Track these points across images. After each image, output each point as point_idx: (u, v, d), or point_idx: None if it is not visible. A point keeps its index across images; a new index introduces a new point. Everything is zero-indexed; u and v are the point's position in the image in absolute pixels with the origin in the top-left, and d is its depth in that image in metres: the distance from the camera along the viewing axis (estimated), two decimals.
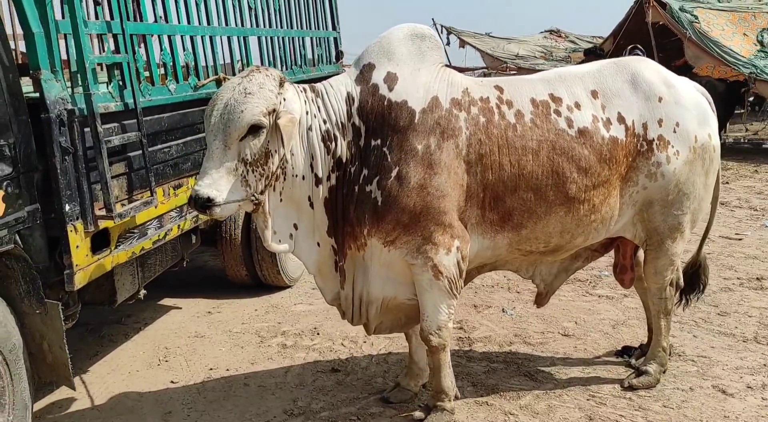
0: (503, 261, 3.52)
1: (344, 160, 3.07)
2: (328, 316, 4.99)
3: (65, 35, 3.11)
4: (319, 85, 3.15)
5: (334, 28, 6.88)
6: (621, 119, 3.24)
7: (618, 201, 3.32)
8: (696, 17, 11.74)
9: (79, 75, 3.08)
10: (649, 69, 3.37)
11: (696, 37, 11.39)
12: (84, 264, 3.18)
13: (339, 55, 6.96)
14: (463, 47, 16.24)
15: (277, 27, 5.43)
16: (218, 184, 2.81)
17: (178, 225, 3.99)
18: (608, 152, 3.20)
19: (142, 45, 3.69)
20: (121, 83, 3.42)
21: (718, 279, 5.37)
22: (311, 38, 6.27)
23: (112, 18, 3.30)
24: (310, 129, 3.02)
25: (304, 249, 3.21)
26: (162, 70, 3.96)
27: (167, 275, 4.66)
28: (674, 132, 3.28)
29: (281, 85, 2.94)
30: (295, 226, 3.14)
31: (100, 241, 3.32)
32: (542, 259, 3.51)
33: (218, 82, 4.33)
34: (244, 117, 2.78)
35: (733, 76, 11.22)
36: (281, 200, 3.05)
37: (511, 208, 3.16)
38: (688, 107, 3.33)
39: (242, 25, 4.82)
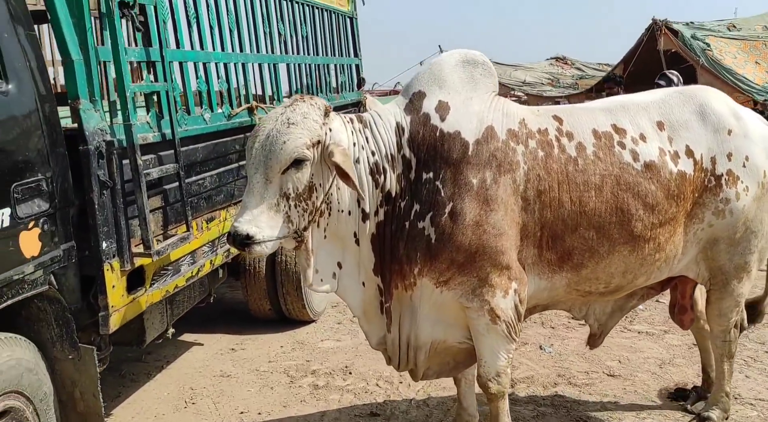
0: (556, 302, 3.33)
1: (393, 194, 2.88)
2: (358, 353, 4.78)
3: (104, 63, 2.95)
4: (366, 115, 2.98)
5: (356, 55, 6.77)
6: (689, 153, 3.07)
7: (682, 239, 3.14)
8: (708, 45, 11.72)
9: (119, 104, 2.90)
10: (717, 99, 3.21)
11: (709, 65, 11.36)
12: (120, 305, 2.98)
13: (361, 82, 6.84)
14: None
15: (304, 54, 5.30)
16: (258, 221, 2.62)
17: (210, 261, 3.79)
18: (676, 188, 3.02)
19: (178, 72, 3.52)
20: (158, 112, 3.24)
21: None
22: (335, 65, 6.15)
23: (149, 44, 3.14)
24: (357, 161, 2.83)
25: (349, 290, 3.01)
26: (197, 99, 3.80)
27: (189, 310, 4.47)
28: (744, 167, 3.11)
29: (326, 114, 2.77)
30: (339, 265, 2.95)
31: (134, 280, 3.12)
32: (598, 299, 3.32)
33: (250, 111, 4.19)
34: (287, 149, 2.61)
35: (745, 102, 11.15)
36: (325, 237, 2.86)
37: (570, 247, 2.98)
38: (757, 141, 3.17)
39: (272, 52, 4.67)
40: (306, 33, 5.37)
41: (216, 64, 3.85)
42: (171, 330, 3.84)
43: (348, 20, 6.62)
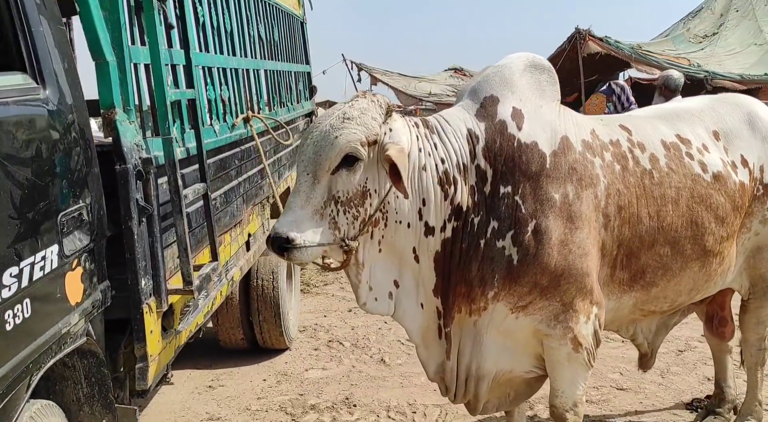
0: (612, 321, 3.20)
1: (464, 209, 2.61)
2: (353, 382, 4.45)
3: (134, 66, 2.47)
4: (432, 120, 2.69)
5: (307, 62, 6.41)
6: (744, 162, 3.06)
7: (735, 250, 3.13)
8: (632, 48, 12.49)
9: (158, 115, 2.44)
10: (763, 108, 3.23)
11: (642, 57, 12.03)
12: (156, 352, 2.51)
13: (313, 90, 6.49)
14: (375, 84, 16.12)
15: (269, 59, 4.89)
16: (301, 224, 2.31)
17: (220, 292, 3.34)
18: (740, 199, 3.00)
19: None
20: (182, 124, 2.79)
21: None
22: (294, 72, 5.77)
23: (186, 46, 2.68)
24: (423, 169, 2.53)
25: (408, 312, 2.70)
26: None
27: None
28: None
29: (388, 114, 2.47)
30: (396, 283, 2.64)
31: (164, 321, 2.65)
32: (655, 317, 3.24)
33: (245, 121, 3.77)
34: (338, 144, 2.31)
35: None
36: (380, 250, 2.54)
37: (645, 265, 2.86)
38: None
39: (256, 57, 4.26)
40: (270, 36, 4.97)
41: (220, 68, 3.41)
42: (171, 372, 3.33)
43: (300, 25, 6.26)
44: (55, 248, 1.94)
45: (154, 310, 2.46)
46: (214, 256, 2.89)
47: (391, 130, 2.46)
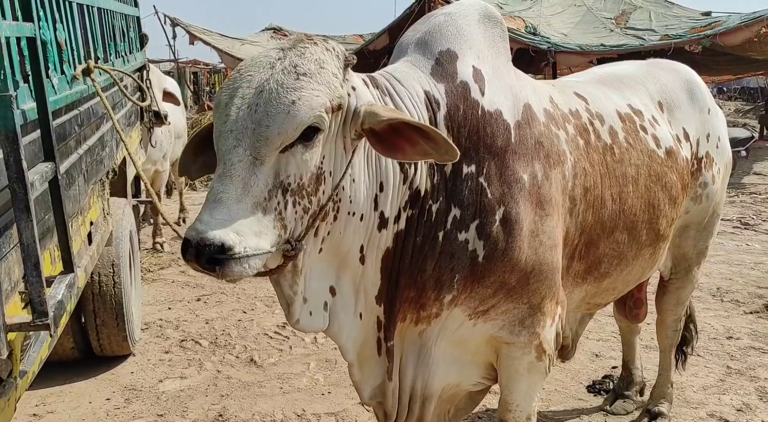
0: None
1: (422, 193, 2.05)
2: (222, 392, 3.74)
3: None
4: (380, 79, 2.05)
5: (135, 4, 5.33)
6: (686, 136, 2.82)
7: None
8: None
9: None
10: (696, 75, 3.01)
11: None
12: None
13: (144, 39, 5.42)
14: (193, 44, 14.60)
15: None
16: (240, 223, 1.60)
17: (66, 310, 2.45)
18: (687, 176, 2.76)
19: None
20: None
21: None
22: (121, 14, 4.70)
23: None
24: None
25: (344, 326, 2.08)
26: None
27: None
28: (717, 148, 2.97)
29: (346, 68, 1.83)
30: (332, 291, 2.03)
31: None
32: (593, 310, 2.95)
33: (85, 72, 2.85)
34: (299, 112, 1.64)
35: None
36: (320, 250, 1.91)
37: (602, 254, 2.51)
38: (722, 119, 3.06)
39: None
40: None
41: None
42: None
43: None
44: None
45: None
46: (69, 266, 2.04)
47: (354, 88, 1.83)
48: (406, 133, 1.76)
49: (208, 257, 1.55)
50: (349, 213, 1.89)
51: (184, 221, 7.88)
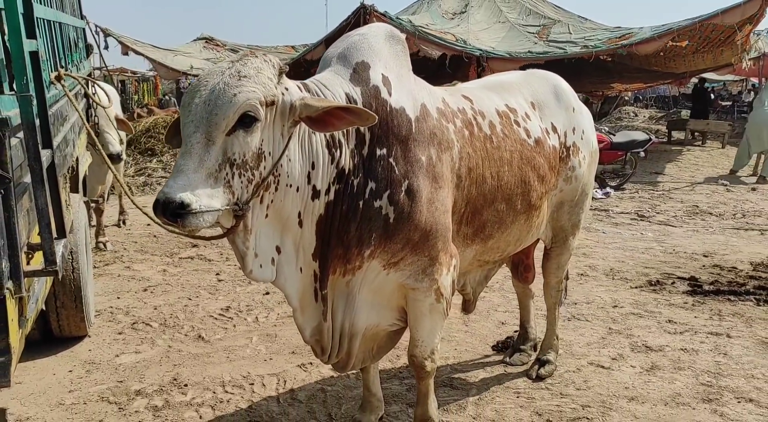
0: None
1: (347, 171, 2.69)
2: (175, 363, 4.23)
3: None
4: (311, 84, 2.68)
5: (82, 17, 5.74)
6: (554, 129, 3.56)
7: (546, 205, 3.63)
8: (410, 21, 13.25)
9: (14, 69, 2.06)
10: (563, 81, 3.76)
11: (423, 35, 12.76)
12: (17, 344, 2.15)
13: (89, 49, 5.84)
14: (126, 54, 14.73)
15: (65, 11, 4.32)
16: (195, 187, 2.18)
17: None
18: (553, 160, 3.48)
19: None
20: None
21: None
22: (71, 26, 5.13)
23: None
24: (313, 132, 2.58)
25: (288, 278, 2.71)
26: None
27: None
28: (581, 139, 3.73)
29: (281, 74, 2.46)
30: (278, 249, 2.64)
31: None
32: (485, 267, 3.63)
33: (57, 78, 3.33)
34: (236, 101, 2.24)
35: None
36: (267, 215, 2.52)
37: (485, 220, 3.20)
38: (587, 116, 3.83)
39: (53, 6, 3.73)
40: None
41: (39, 18, 2.94)
42: None
43: None
44: None
45: (14, 295, 2.11)
46: (62, 231, 2.54)
47: (287, 89, 2.43)
48: (336, 113, 2.40)
49: (172, 211, 2.12)
50: (287, 185, 2.49)
51: (124, 223, 8.24)
